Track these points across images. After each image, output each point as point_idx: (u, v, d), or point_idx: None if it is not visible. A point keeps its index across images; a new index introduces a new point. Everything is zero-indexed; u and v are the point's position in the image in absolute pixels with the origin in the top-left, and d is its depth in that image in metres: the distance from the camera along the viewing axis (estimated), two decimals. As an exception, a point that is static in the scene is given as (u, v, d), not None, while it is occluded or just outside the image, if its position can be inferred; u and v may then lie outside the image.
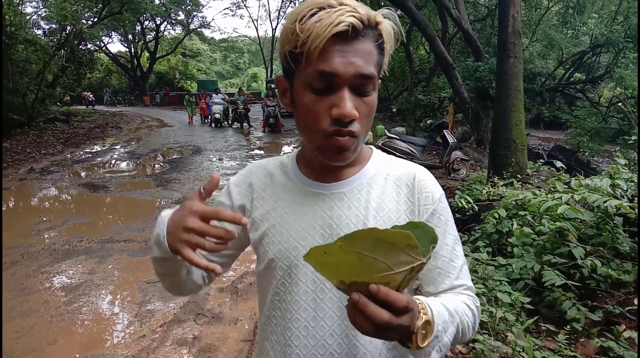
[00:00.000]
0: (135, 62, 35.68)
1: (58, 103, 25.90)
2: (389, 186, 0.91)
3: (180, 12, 33.21)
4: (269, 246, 0.91)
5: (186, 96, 21.54)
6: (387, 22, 0.80)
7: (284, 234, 0.90)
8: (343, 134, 0.79)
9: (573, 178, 3.74)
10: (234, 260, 1.06)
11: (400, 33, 0.82)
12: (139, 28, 33.70)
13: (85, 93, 30.94)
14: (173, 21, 34.69)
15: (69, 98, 28.87)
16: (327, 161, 0.84)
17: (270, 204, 0.94)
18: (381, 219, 0.88)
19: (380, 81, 0.85)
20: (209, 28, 38.01)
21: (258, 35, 41.60)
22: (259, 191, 0.97)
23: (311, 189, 0.92)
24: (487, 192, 5.07)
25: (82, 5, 17.57)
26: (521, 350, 2.31)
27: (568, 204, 3.05)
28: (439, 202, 0.91)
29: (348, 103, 0.76)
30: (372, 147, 0.99)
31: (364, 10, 0.76)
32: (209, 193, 0.74)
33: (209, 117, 19.33)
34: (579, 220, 3.28)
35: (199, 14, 36.72)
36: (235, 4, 38.71)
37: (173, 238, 0.74)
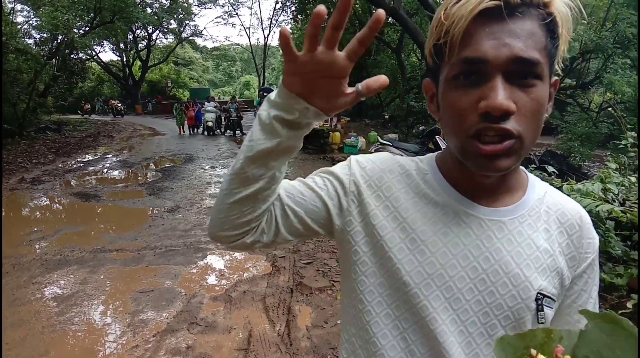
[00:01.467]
0: (127, 71, 35.68)
1: (78, 111, 25.64)
2: (552, 223, 0.75)
3: (172, 21, 33.28)
4: (403, 264, 0.73)
5: (176, 104, 21.28)
6: (560, 0, 0.64)
7: (426, 254, 0.73)
8: (493, 133, 0.62)
9: (565, 183, 3.76)
10: (305, 234, 0.81)
11: (581, 12, 0.66)
12: (130, 37, 33.70)
13: (113, 101, 29.61)
14: (165, 30, 34.77)
15: (89, 106, 28.36)
16: (477, 170, 0.67)
17: (408, 211, 0.76)
18: (545, 263, 0.72)
19: (556, 77, 0.70)
20: (201, 36, 38.24)
21: (250, 43, 41.86)
22: (391, 187, 0.78)
23: (463, 207, 0.74)
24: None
25: (73, 14, 17.58)
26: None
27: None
28: (597, 251, 0.78)
29: (500, 92, 0.60)
30: (525, 170, 0.81)
31: None
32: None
33: (200, 127, 19.20)
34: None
35: (191, 23, 36.81)
36: (227, 12, 38.97)
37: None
